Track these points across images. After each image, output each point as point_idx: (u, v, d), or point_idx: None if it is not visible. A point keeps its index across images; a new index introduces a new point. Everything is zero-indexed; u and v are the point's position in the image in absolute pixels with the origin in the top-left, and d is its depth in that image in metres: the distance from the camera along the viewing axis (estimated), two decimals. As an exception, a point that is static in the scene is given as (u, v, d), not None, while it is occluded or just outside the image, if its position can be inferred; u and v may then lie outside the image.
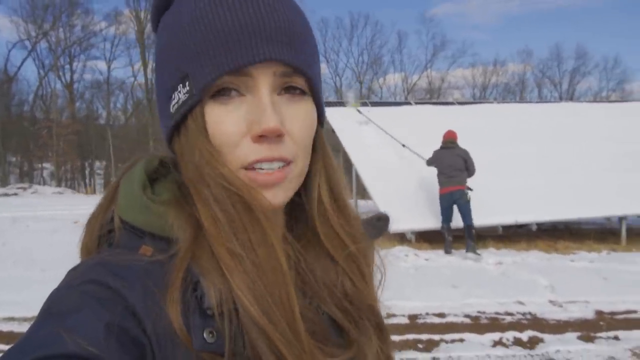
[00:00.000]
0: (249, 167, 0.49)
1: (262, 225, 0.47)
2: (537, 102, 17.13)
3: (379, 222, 0.66)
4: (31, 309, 4.51)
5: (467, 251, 6.82)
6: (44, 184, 28.99)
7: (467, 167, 7.06)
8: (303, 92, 0.51)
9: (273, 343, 0.44)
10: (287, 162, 0.49)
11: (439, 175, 7.19)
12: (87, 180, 34.47)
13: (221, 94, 0.49)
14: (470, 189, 7.00)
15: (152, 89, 32.48)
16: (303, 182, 0.55)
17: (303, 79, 0.51)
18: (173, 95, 0.50)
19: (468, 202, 6.91)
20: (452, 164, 7.05)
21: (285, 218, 0.57)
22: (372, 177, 7.61)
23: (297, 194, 0.55)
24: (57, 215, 10.38)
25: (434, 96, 36.96)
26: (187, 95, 0.49)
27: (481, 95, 40.55)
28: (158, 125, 0.56)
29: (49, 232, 8.37)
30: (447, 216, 7.13)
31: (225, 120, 0.48)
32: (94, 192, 27.75)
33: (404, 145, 8.19)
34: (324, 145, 0.57)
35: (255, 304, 0.44)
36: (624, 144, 9.10)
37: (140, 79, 33.60)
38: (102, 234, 0.52)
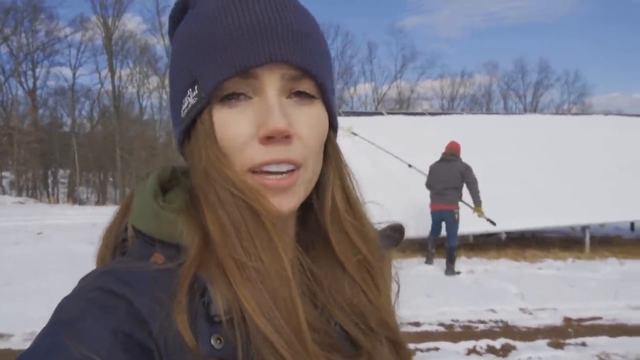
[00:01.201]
0: (257, 170, 0.48)
1: (267, 231, 0.47)
2: (504, 113, 17.60)
3: (395, 232, 0.66)
4: (-6, 325, 4.31)
5: (446, 274, 6.57)
6: (4, 193, 27.86)
7: (466, 182, 6.54)
8: (312, 96, 0.50)
9: (278, 352, 0.43)
10: (296, 166, 0.48)
11: (430, 189, 6.80)
12: (50, 190, 33.31)
13: (229, 97, 0.48)
14: (494, 223, 6.69)
15: (120, 97, 31.84)
16: (316, 189, 0.54)
17: (312, 83, 0.50)
18: (183, 100, 0.51)
19: (456, 222, 6.62)
20: (447, 179, 6.55)
21: (295, 228, 0.56)
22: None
23: (309, 202, 0.54)
24: (19, 226, 9.97)
25: (403, 106, 37.51)
26: (195, 99, 0.49)
27: (449, 106, 41.44)
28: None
29: (11, 244, 8.03)
30: (434, 230, 6.93)
31: (232, 123, 0.48)
32: (57, 201, 26.78)
33: (410, 166, 7.80)
34: (336, 151, 0.56)
35: (259, 313, 0.44)
36: (587, 155, 9.45)
37: (108, 86, 32.77)
38: (117, 244, 0.52)
